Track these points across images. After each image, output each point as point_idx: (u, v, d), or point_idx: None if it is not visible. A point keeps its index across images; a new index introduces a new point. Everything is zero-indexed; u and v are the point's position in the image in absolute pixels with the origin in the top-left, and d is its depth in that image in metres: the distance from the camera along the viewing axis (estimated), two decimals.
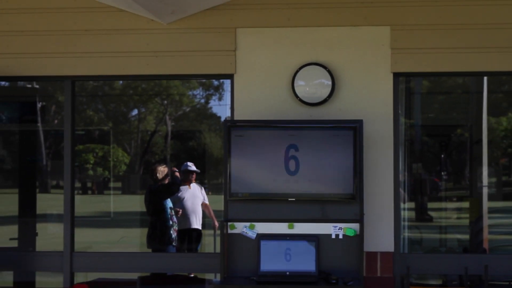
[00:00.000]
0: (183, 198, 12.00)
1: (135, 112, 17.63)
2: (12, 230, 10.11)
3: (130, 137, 18.46)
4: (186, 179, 12.14)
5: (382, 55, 7.75)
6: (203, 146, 16.92)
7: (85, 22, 8.00)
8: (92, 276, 8.47)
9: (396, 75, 7.80)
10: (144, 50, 7.98)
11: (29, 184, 10.95)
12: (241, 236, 7.55)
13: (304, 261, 7.33)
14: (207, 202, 12.30)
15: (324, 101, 7.75)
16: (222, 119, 15.47)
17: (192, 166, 12.18)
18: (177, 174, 11.83)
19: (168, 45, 7.96)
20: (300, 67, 7.78)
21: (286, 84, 7.81)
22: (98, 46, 7.99)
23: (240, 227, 7.56)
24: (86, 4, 7.95)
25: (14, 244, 9.88)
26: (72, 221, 8.07)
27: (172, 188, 11.61)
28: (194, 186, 12.16)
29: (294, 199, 7.49)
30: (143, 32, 7.97)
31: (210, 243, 13.24)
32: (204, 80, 16.39)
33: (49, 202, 14.12)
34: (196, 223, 12.14)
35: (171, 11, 7.69)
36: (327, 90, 7.75)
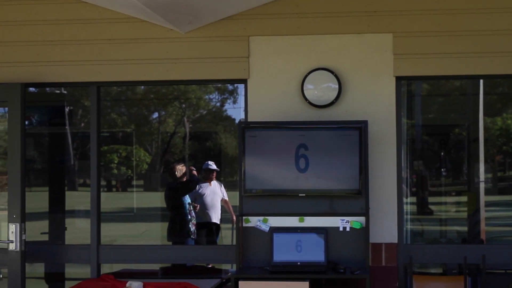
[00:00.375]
0: (204, 194, 12.05)
1: (155, 115, 17.64)
2: (43, 225, 10.13)
3: (151, 138, 18.48)
4: (207, 177, 12.19)
5: (385, 60, 7.74)
6: (219, 146, 16.93)
7: (109, 32, 8.01)
8: (117, 267, 8.49)
9: (398, 79, 7.79)
10: (164, 57, 7.98)
11: (58, 182, 10.99)
12: (255, 229, 7.55)
13: (314, 252, 7.33)
14: (226, 198, 12.35)
15: (332, 103, 7.75)
16: (237, 121, 15.46)
17: (212, 165, 12.22)
18: (195, 172, 11.87)
19: (186, 53, 7.96)
20: (309, 72, 7.77)
21: (296, 87, 7.80)
22: (121, 54, 8.00)
23: (254, 221, 7.56)
24: (110, 15, 7.96)
25: (45, 238, 9.92)
26: (98, 216, 8.08)
27: (190, 185, 11.65)
28: (214, 184, 12.21)
29: (304, 195, 7.48)
30: (163, 41, 7.98)
31: (228, 236, 13.25)
32: (219, 85, 16.39)
33: (76, 199, 14.14)
34: (215, 217, 12.18)
35: (189, 21, 7.69)
36: (334, 93, 7.74)
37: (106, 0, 7.63)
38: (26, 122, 8.06)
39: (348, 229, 7.47)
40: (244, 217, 7.57)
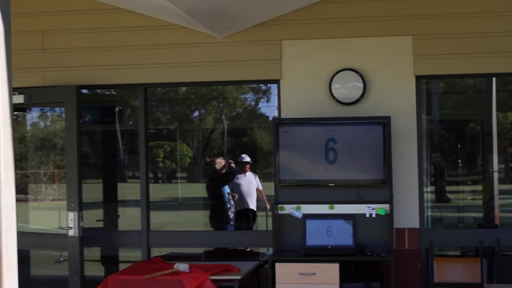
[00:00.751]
0: (240, 184, 12.06)
1: (196, 113, 17.65)
2: (98, 213, 10.19)
3: (192, 135, 18.51)
4: (242, 168, 12.21)
5: (405, 61, 7.70)
6: (254, 141, 16.92)
7: (155, 38, 8.04)
8: (165, 251, 8.51)
9: (418, 78, 7.74)
10: (204, 60, 7.99)
11: (110, 175, 11.04)
12: (289, 216, 7.54)
13: (343, 236, 7.31)
14: (260, 187, 12.34)
15: (357, 101, 7.72)
16: (270, 118, 15.45)
17: (246, 158, 12.22)
18: (233, 165, 11.89)
19: (223, 56, 7.97)
20: (336, 72, 7.75)
21: (324, 87, 7.78)
22: (165, 58, 8.03)
23: (288, 209, 7.55)
24: (155, 23, 7.99)
25: (100, 225, 9.97)
26: (148, 205, 8.12)
27: (229, 176, 11.66)
28: (249, 174, 12.21)
29: (333, 184, 7.47)
30: (203, 46, 7.99)
31: (263, 223, 13.24)
32: (254, 85, 16.38)
33: (127, 190, 14.19)
34: (251, 204, 12.19)
35: (226, 27, 7.70)
36: (360, 92, 7.71)
37: (151, 9, 7.64)
38: (81, 121, 8.10)
39: (374, 215, 7.44)
40: (279, 205, 7.56)
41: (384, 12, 7.72)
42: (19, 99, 7.93)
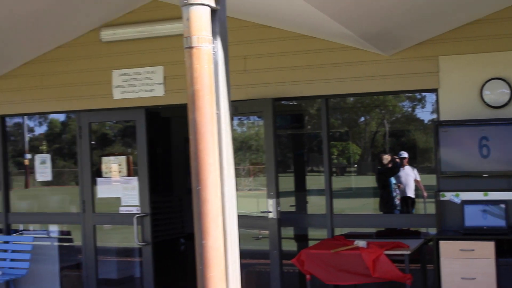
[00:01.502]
0: (399, 176, 11.97)
1: (362, 119, 17.57)
2: (291, 200, 10.37)
3: (360, 136, 18.41)
4: (401, 162, 12.10)
5: None
6: (412, 141, 16.64)
7: (333, 58, 8.10)
8: (345, 230, 8.55)
9: None
10: (373, 74, 7.96)
11: (299, 169, 11.22)
12: (449, 202, 7.41)
13: (496, 219, 7.10)
14: (418, 178, 12.19)
15: (505, 105, 7.46)
16: (425, 121, 15.17)
17: (404, 154, 12.13)
18: (397, 160, 11.77)
19: (389, 70, 7.91)
20: (486, 81, 7.52)
21: (476, 93, 7.57)
22: (342, 73, 8.07)
23: (449, 195, 7.42)
24: (333, 46, 8.05)
25: (293, 209, 10.16)
26: (331, 193, 8.20)
27: (394, 170, 11.58)
28: (407, 167, 12.09)
29: (487, 175, 7.27)
30: (372, 62, 7.97)
31: (421, 208, 13.02)
32: (410, 95, 16.12)
33: (308, 181, 14.37)
34: (409, 192, 12.06)
35: (392, 46, 7.66)
36: (507, 97, 7.45)
37: (330, 34, 7.72)
38: None
39: None
40: (441, 193, 7.44)
41: None
42: None
